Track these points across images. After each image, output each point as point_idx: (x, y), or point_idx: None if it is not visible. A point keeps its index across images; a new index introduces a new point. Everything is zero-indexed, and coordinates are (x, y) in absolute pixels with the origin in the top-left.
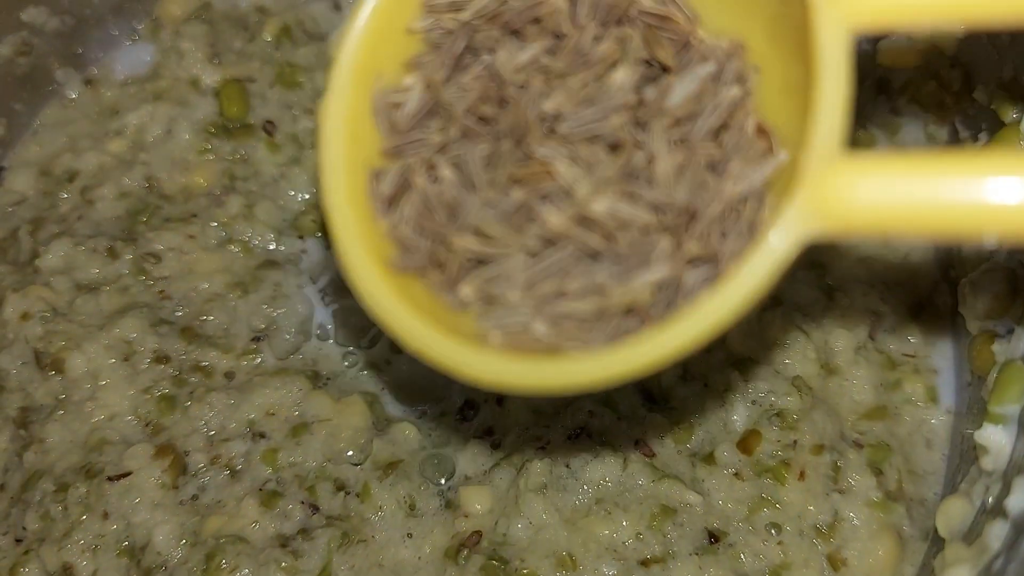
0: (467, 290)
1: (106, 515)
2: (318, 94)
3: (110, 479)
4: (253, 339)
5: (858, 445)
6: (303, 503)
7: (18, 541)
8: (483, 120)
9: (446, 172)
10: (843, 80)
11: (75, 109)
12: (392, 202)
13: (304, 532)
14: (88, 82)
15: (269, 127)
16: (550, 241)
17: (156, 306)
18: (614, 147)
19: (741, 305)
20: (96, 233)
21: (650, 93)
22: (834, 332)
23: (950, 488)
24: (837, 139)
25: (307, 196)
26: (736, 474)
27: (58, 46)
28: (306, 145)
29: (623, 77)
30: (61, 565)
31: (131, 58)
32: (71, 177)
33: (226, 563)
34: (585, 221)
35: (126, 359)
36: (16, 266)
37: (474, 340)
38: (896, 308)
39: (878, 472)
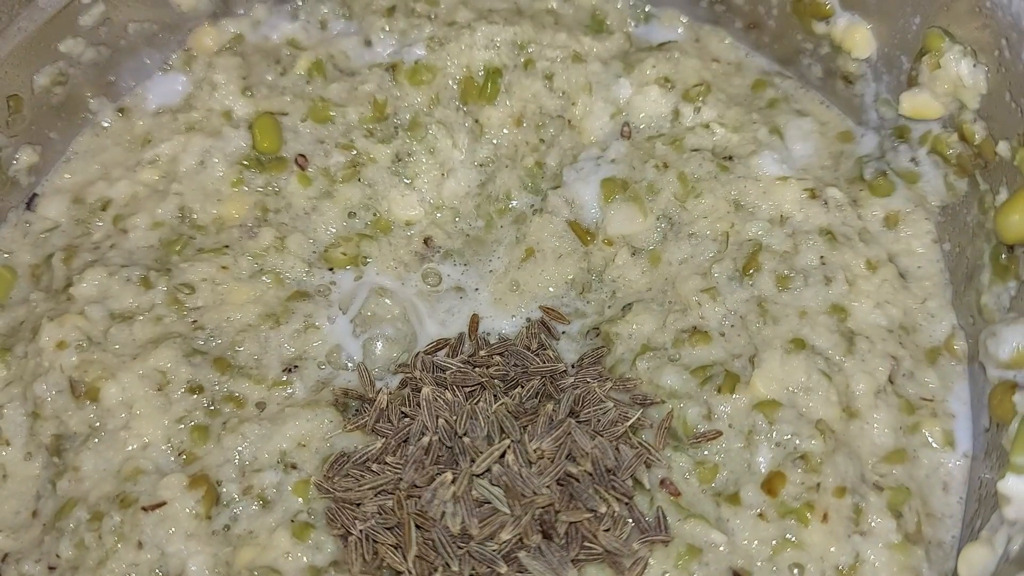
0: None
1: (140, 545)
2: (350, 129)
3: (144, 509)
4: (284, 370)
5: (878, 488)
6: (335, 535)
7: (51, 569)
8: None
9: None
10: None
11: (108, 138)
12: None
13: (336, 564)
14: (121, 111)
15: (301, 160)
16: None
17: (189, 336)
18: None
19: None
20: (130, 262)
21: None
22: (855, 376)
23: (968, 532)
24: None
25: (336, 229)
26: (760, 514)
27: (92, 76)
28: (337, 179)
29: None
30: None
31: (164, 88)
32: (104, 205)
33: None
34: None
35: (160, 389)
36: (50, 294)
37: None
38: (914, 353)
39: (898, 515)
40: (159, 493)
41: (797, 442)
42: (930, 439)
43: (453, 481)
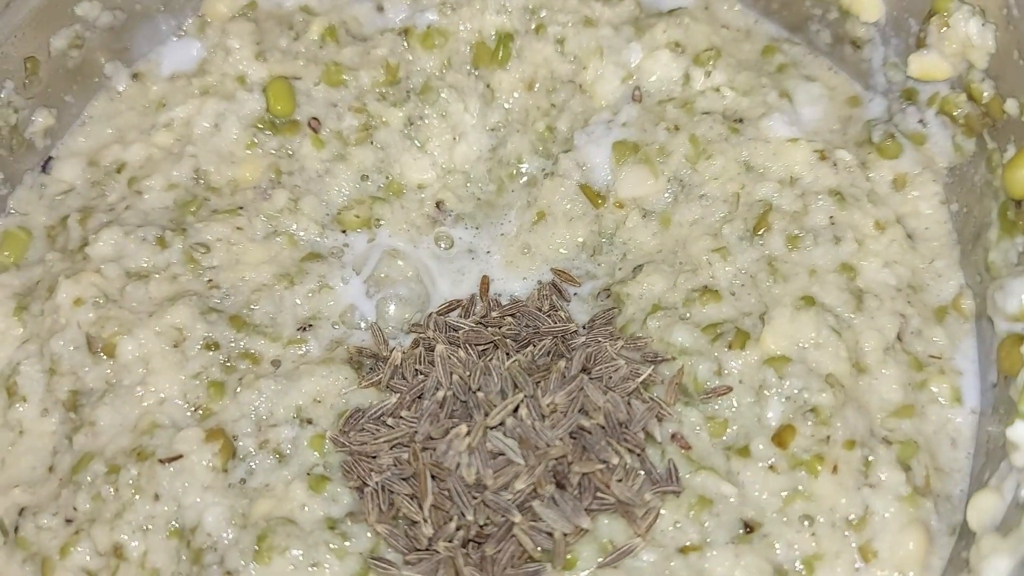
0: None
1: (157, 497)
2: (362, 93)
3: (161, 462)
4: (299, 329)
5: (887, 442)
6: (351, 487)
7: (68, 521)
8: None
9: None
10: None
11: (122, 102)
12: None
13: (352, 515)
14: (135, 76)
15: (314, 124)
16: None
17: (205, 295)
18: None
19: None
20: (145, 223)
21: None
22: (864, 333)
23: (977, 485)
24: None
25: (349, 192)
26: (771, 467)
27: (108, 40)
28: (350, 142)
29: None
30: (112, 545)
31: (177, 54)
32: (119, 168)
33: (277, 544)
34: None
35: (176, 345)
36: (65, 253)
37: None
38: (922, 311)
39: (907, 468)
40: (176, 447)
41: (807, 395)
42: (938, 395)
43: (468, 433)
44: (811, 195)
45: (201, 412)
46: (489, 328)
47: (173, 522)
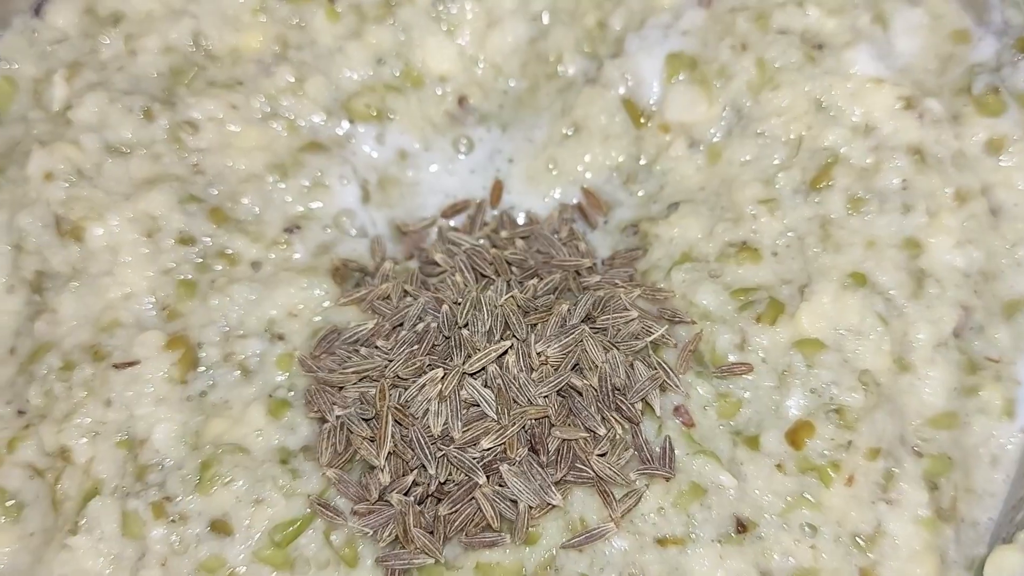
0: None
1: (109, 403)
2: None
3: (116, 366)
4: (285, 230)
5: (917, 453)
6: (311, 417)
7: (20, 413)
8: None
9: None
10: None
11: None
12: None
13: (306, 450)
14: None
15: None
16: None
17: (188, 180)
18: None
19: None
20: (135, 89)
21: None
22: (916, 323)
23: (1008, 518)
24: None
25: (361, 77)
26: (778, 465)
27: None
28: (368, 18)
29: None
30: (59, 447)
31: None
32: (116, 20)
33: (222, 474)
34: None
35: (149, 235)
36: (47, 113)
37: None
38: (990, 304)
39: (933, 487)
40: (134, 350)
41: (835, 392)
42: (987, 405)
43: (443, 378)
44: (886, 150)
45: (168, 313)
46: (494, 248)
47: (125, 431)
